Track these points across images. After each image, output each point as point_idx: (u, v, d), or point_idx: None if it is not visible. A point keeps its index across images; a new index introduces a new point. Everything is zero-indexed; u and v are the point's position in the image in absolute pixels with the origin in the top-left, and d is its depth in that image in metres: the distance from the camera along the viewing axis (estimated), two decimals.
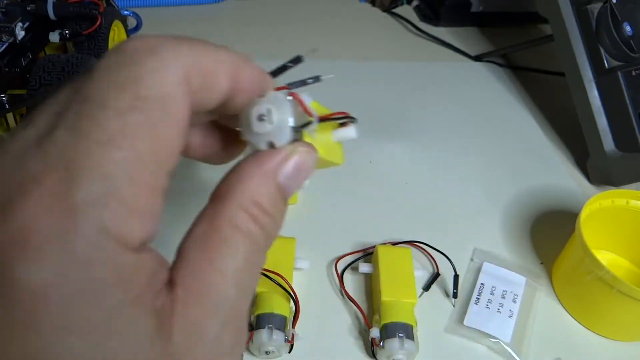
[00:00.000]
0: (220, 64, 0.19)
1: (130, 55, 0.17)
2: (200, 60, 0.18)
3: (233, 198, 0.18)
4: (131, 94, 0.16)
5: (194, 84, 0.18)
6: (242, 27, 0.70)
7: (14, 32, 0.43)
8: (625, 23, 0.49)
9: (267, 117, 0.20)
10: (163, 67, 0.17)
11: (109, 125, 0.15)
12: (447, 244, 0.42)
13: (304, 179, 0.20)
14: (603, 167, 0.50)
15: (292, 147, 0.20)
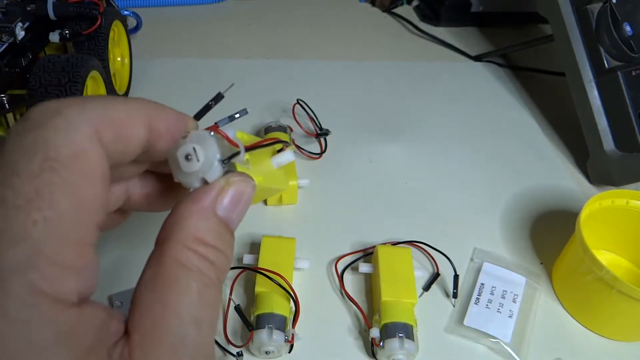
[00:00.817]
0: (131, 114, 0.19)
1: (35, 120, 0.17)
2: (109, 114, 0.18)
3: (175, 238, 0.18)
4: (41, 156, 0.16)
5: (106, 137, 0.18)
6: (242, 27, 0.70)
7: (14, 32, 0.43)
8: (625, 23, 0.49)
9: (193, 156, 0.20)
10: (69, 125, 0.17)
11: (24, 189, 0.15)
12: (447, 244, 0.42)
13: (245, 208, 0.20)
14: (603, 167, 0.50)
15: (225, 179, 0.20)
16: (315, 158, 0.50)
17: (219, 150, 0.20)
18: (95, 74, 0.44)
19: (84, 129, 0.17)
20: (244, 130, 0.25)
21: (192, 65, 0.62)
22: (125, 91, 0.55)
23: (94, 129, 0.17)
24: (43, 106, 0.17)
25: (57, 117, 0.17)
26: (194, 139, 0.20)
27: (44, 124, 0.16)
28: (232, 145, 0.21)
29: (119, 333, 0.17)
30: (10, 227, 0.15)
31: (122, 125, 0.18)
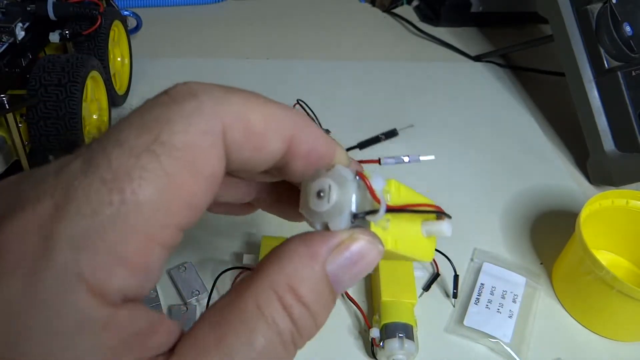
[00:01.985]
0: (271, 123, 0.17)
1: (171, 96, 0.16)
2: (247, 115, 0.16)
3: (266, 275, 0.16)
4: (152, 135, 0.15)
5: (233, 138, 0.16)
6: (242, 27, 0.70)
7: (14, 32, 0.43)
8: (625, 23, 0.49)
9: (326, 195, 0.17)
10: (198, 113, 0.15)
11: (118, 164, 0.14)
12: (447, 244, 0.42)
13: (362, 274, 0.17)
14: (603, 167, 0.50)
15: (350, 233, 0.17)
16: None
17: (355, 200, 0.17)
18: (95, 74, 0.44)
19: (211, 121, 0.15)
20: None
21: (192, 65, 0.62)
22: (125, 91, 0.55)
23: (223, 125, 0.16)
24: (186, 85, 0.16)
25: (192, 100, 0.16)
26: (334, 176, 0.17)
27: (176, 102, 0.15)
28: (374, 200, 0.17)
29: (161, 347, 0.15)
30: (85, 198, 0.14)
31: (256, 132, 0.16)
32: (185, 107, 0.15)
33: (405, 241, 0.20)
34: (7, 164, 0.40)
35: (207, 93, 0.16)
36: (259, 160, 0.17)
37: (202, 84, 0.16)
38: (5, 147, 0.40)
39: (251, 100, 0.17)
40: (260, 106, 0.17)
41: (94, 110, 0.46)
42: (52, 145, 0.40)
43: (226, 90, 0.16)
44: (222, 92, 0.16)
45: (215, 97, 0.16)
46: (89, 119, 0.45)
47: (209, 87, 0.16)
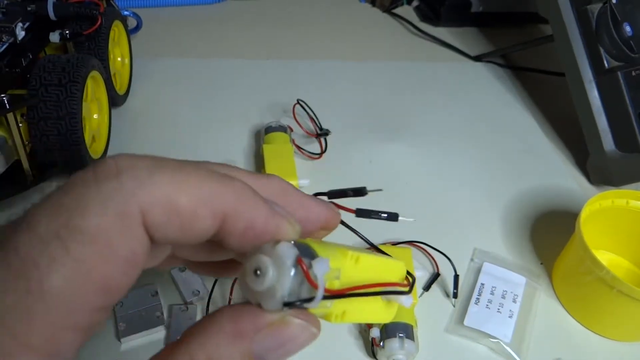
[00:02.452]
0: (201, 203, 0.16)
1: (95, 174, 0.15)
2: (171, 196, 0.16)
3: (188, 347, 0.16)
4: (64, 219, 0.15)
5: (154, 221, 0.15)
6: (242, 27, 0.70)
7: (14, 32, 0.43)
8: (625, 23, 0.49)
9: (261, 275, 0.16)
10: (115, 195, 0.15)
11: (27, 251, 0.14)
12: (447, 244, 0.42)
13: (290, 354, 0.17)
14: (603, 167, 0.50)
15: (282, 316, 0.16)
16: (315, 158, 0.50)
17: (290, 287, 0.16)
18: (95, 74, 0.44)
19: (128, 204, 0.15)
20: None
21: (192, 65, 0.62)
22: (125, 91, 0.55)
23: (141, 207, 0.15)
24: (114, 161, 0.16)
25: (113, 180, 0.15)
26: (274, 256, 0.16)
27: (97, 182, 0.15)
28: (312, 287, 0.16)
29: None
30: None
31: (181, 213, 0.16)
32: (103, 188, 0.15)
33: (356, 312, 0.19)
34: (7, 163, 0.40)
35: (130, 173, 0.15)
36: (187, 239, 0.17)
37: (131, 159, 0.16)
38: (5, 147, 0.40)
39: (179, 178, 0.16)
40: (188, 185, 0.16)
41: (95, 110, 0.46)
42: (53, 145, 0.40)
43: (152, 169, 0.16)
44: (146, 172, 0.16)
45: (138, 177, 0.15)
46: (89, 119, 0.45)
47: (135, 164, 0.16)
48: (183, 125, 0.53)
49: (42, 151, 0.41)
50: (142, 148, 0.50)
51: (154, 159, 0.16)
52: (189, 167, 0.16)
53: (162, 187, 0.16)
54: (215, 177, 0.17)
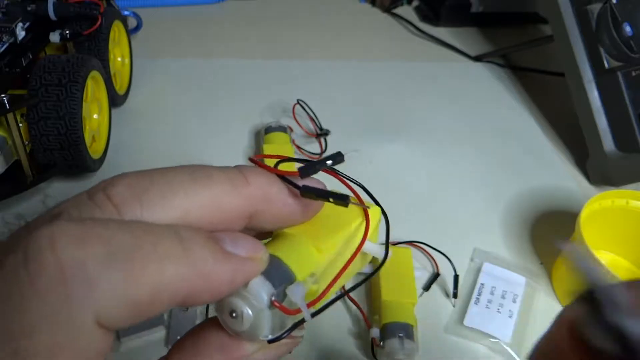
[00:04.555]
0: (160, 292, 0.14)
1: (30, 280, 0.13)
2: (130, 291, 0.13)
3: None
4: (9, 346, 0.12)
5: (111, 318, 0.14)
6: (242, 27, 0.70)
7: (14, 33, 0.43)
8: (625, 23, 0.49)
9: (238, 317, 0.16)
10: (63, 309, 0.13)
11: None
12: (447, 244, 0.42)
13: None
14: (603, 167, 0.50)
15: (262, 349, 0.17)
16: (315, 158, 0.50)
17: (272, 324, 0.16)
18: (95, 74, 0.44)
19: (81, 317, 0.13)
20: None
21: (192, 65, 0.62)
22: (125, 91, 0.55)
23: (97, 313, 0.13)
24: (50, 260, 0.13)
25: (56, 290, 0.13)
26: (247, 298, 0.16)
27: (37, 292, 0.13)
28: (295, 314, 0.16)
29: None
30: None
31: (142, 304, 0.14)
32: (48, 300, 0.13)
33: (338, 285, 0.19)
34: (7, 163, 0.40)
35: (78, 276, 0.13)
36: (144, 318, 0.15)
37: (75, 249, 0.13)
38: (5, 147, 0.40)
39: (136, 267, 0.14)
40: (145, 276, 0.14)
41: (95, 110, 0.46)
42: (53, 145, 0.40)
43: (104, 262, 0.13)
44: (98, 270, 0.13)
45: (88, 280, 0.13)
46: (89, 119, 0.45)
47: (83, 259, 0.13)
48: (183, 125, 0.53)
49: (42, 151, 0.41)
50: (142, 148, 0.50)
51: (107, 252, 0.13)
52: (147, 243, 0.14)
53: (118, 284, 0.13)
54: (175, 252, 0.14)
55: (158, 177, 0.16)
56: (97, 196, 0.15)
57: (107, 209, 0.15)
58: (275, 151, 0.47)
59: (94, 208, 0.15)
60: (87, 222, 0.14)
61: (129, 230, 0.14)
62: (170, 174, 0.16)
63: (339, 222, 0.20)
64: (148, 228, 0.14)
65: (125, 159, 0.48)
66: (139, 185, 0.15)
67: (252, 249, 0.16)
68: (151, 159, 0.49)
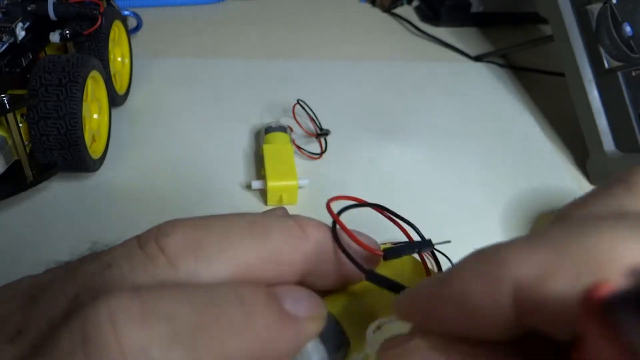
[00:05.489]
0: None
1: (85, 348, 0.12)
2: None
3: None
4: None
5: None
6: (242, 27, 0.70)
7: (14, 32, 0.43)
8: (625, 23, 0.49)
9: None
10: None
11: None
12: (447, 244, 0.42)
13: None
14: (603, 167, 0.50)
15: None
16: (315, 158, 0.50)
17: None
18: (95, 74, 0.44)
19: None
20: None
21: (192, 65, 0.62)
22: (125, 91, 0.55)
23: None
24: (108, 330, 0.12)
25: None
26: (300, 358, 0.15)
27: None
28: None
29: None
30: None
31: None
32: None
33: None
34: (7, 163, 0.40)
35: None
36: None
37: (142, 329, 0.12)
38: (5, 147, 0.40)
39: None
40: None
41: (95, 110, 0.46)
42: (53, 145, 0.40)
43: (171, 346, 0.12)
44: (160, 355, 0.12)
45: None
46: (89, 119, 0.45)
47: (149, 343, 0.12)
48: (183, 125, 0.53)
49: (42, 151, 0.41)
50: (142, 148, 0.50)
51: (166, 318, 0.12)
52: (210, 317, 0.13)
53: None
54: (238, 321, 0.13)
55: (214, 227, 0.15)
56: (149, 247, 0.14)
57: (160, 263, 0.14)
58: (275, 151, 0.47)
59: (146, 261, 0.14)
60: (146, 296, 0.13)
61: (191, 303, 0.13)
62: (226, 223, 0.15)
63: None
64: (210, 297, 0.13)
65: (125, 159, 0.48)
66: (195, 236, 0.14)
67: (313, 307, 0.15)
68: (151, 159, 0.49)
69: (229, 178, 0.47)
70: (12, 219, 0.42)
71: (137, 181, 0.46)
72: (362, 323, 0.16)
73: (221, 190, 0.46)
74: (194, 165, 0.49)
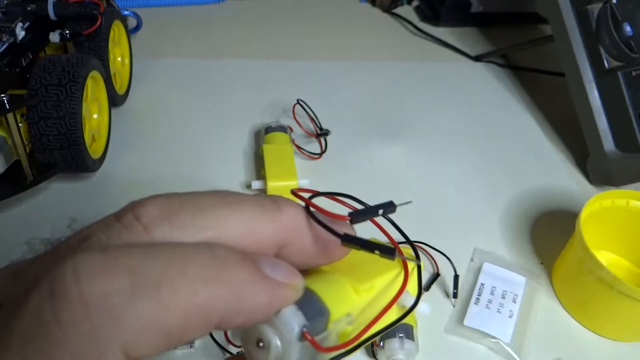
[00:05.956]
0: (195, 314, 0.13)
1: (55, 316, 0.12)
2: (162, 319, 0.13)
3: None
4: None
5: (140, 350, 0.13)
6: (242, 27, 0.70)
7: (14, 32, 0.43)
8: (625, 23, 0.49)
9: (265, 347, 0.15)
10: (90, 347, 0.12)
11: None
12: (447, 244, 0.42)
13: None
14: (603, 167, 0.50)
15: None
16: (315, 158, 0.50)
17: (300, 357, 0.15)
18: (95, 74, 0.44)
19: (108, 354, 0.12)
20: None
21: (192, 65, 0.62)
22: (125, 91, 0.55)
23: (125, 347, 0.13)
24: (74, 291, 0.12)
25: (81, 325, 0.12)
26: (277, 326, 0.15)
27: (61, 328, 0.12)
28: (323, 351, 0.15)
29: None
30: None
31: (172, 333, 0.13)
32: (72, 336, 0.12)
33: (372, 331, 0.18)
34: (7, 163, 0.40)
35: (103, 308, 0.12)
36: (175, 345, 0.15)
37: (99, 280, 0.13)
38: (5, 147, 0.40)
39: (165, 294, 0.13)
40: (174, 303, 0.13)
41: (94, 110, 0.46)
42: (52, 145, 0.40)
43: (130, 292, 0.13)
44: (124, 300, 0.13)
45: (114, 312, 0.12)
46: (89, 119, 0.45)
47: (107, 290, 0.13)
48: (183, 125, 0.53)
49: (42, 151, 0.41)
50: (142, 148, 0.50)
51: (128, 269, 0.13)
52: (176, 266, 0.13)
53: (146, 314, 0.13)
54: (208, 272, 0.14)
55: (188, 199, 0.15)
56: (125, 217, 0.15)
57: (135, 230, 0.14)
58: (275, 151, 0.47)
59: (121, 230, 0.14)
60: (110, 252, 0.13)
61: (155, 255, 0.13)
62: (200, 196, 0.16)
63: (379, 266, 0.19)
64: (177, 250, 0.14)
65: (125, 159, 0.48)
66: (169, 206, 0.15)
67: (289, 275, 0.15)
68: (151, 158, 0.49)
69: (229, 178, 0.47)
70: (12, 219, 0.42)
71: (137, 181, 0.46)
72: (339, 295, 0.17)
73: None
74: (193, 164, 0.49)
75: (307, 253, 0.17)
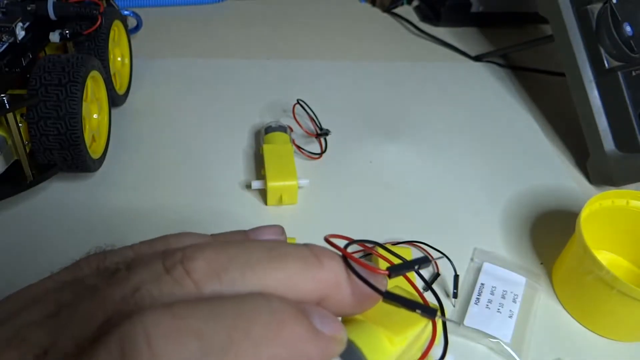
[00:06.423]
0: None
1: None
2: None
3: None
4: None
5: None
6: (242, 27, 0.70)
7: (14, 32, 0.43)
8: (625, 23, 0.49)
9: None
10: None
11: None
12: (447, 244, 0.42)
13: None
14: (603, 167, 0.50)
15: None
16: (315, 158, 0.50)
17: None
18: (95, 74, 0.44)
19: None
20: None
21: (192, 65, 0.62)
22: (125, 91, 0.55)
23: None
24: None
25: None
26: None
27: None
28: None
29: None
30: None
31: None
32: None
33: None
34: (7, 163, 0.40)
35: None
36: None
37: (175, 344, 0.13)
38: (5, 147, 0.40)
39: None
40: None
41: (95, 110, 0.46)
42: (52, 145, 0.40)
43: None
44: None
45: None
46: (89, 119, 0.45)
47: (181, 358, 0.13)
48: (183, 125, 0.53)
49: (42, 151, 0.41)
50: (142, 148, 0.50)
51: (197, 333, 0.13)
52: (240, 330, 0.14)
53: None
54: (268, 332, 0.14)
55: (236, 254, 0.16)
56: (176, 271, 0.15)
57: (186, 285, 0.14)
58: (275, 151, 0.46)
59: (173, 285, 0.14)
60: (177, 312, 0.13)
61: (220, 317, 0.14)
62: (247, 249, 0.16)
63: (409, 316, 0.20)
64: (238, 309, 0.14)
65: (125, 159, 0.48)
66: (217, 260, 0.15)
67: (337, 328, 0.16)
68: (151, 159, 0.49)
69: (229, 178, 0.47)
70: (12, 219, 0.42)
71: (137, 181, 0.46)
72: (376, 346, 0.18)
73: (221, 190, 0.46)
74: (193, 164, 0.49)
75: (344, 305, 0.17)
